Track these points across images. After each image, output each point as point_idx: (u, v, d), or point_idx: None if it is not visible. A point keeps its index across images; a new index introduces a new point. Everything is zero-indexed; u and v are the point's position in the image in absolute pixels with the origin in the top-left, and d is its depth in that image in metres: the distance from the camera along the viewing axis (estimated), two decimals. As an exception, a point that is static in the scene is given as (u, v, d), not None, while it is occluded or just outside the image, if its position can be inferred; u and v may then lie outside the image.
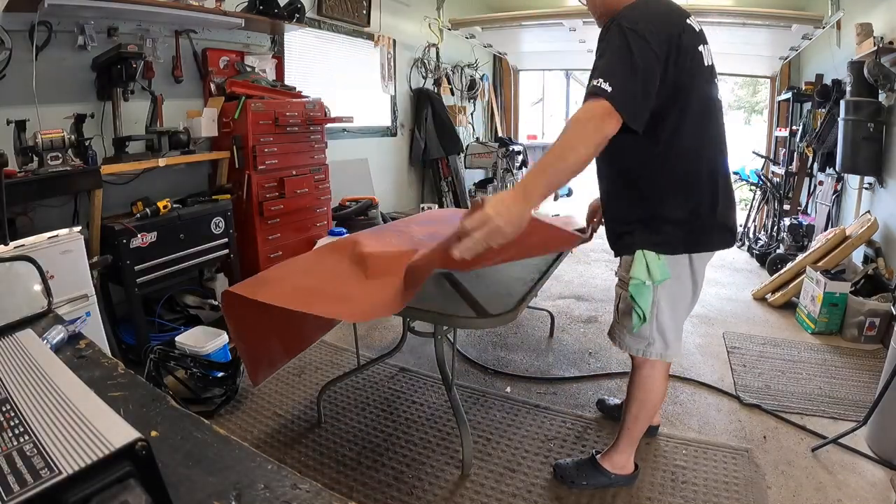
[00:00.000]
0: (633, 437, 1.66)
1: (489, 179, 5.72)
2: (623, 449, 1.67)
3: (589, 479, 1.68)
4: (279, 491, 0.54)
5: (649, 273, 1.40)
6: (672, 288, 1.44)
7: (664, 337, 1.50)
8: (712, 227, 1.42)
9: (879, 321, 2.69)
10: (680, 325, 1.54)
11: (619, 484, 1.68)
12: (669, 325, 1.49)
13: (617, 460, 1.68)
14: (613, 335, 1.61)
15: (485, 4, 6.00)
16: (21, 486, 0.40)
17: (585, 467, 1.70)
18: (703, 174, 1.39)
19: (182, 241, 2.55)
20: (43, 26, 2.27)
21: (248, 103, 2.87)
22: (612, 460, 1.68)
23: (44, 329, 0.85)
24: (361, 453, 1.87)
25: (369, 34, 4.42)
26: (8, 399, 0.55)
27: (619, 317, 1.56)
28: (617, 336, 1.59)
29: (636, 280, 1.41)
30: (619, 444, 1.68)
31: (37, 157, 2.08)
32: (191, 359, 2.17)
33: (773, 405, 2.15)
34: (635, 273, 1.41)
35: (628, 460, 1.68)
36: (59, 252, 1.75)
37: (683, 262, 1.44)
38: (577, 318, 3.13)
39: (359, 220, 3.75)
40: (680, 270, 1.44)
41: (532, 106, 9.99)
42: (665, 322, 1.48)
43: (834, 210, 3.91)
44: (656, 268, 1.39)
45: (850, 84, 3.34)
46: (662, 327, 1.49)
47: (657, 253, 1.40)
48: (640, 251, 1.41)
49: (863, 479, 1.73)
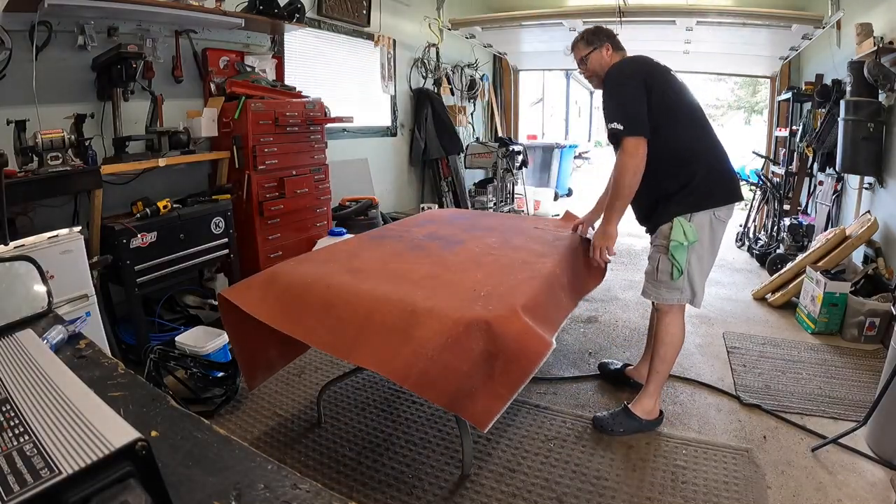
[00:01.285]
0: (661, 380, 2.00)
1: (489, 179, 5.72)
2: (652, 392, 1.99)
3: (625, 426, 1.96)
4: (279, 491, 0.54)
5: (685, 235, 1.82)
6: (697, 248, 1.87)
7: (693, 286, 1.92)
8: (717, 184, 1.88)
9: (879, 321, 2.69)
10: (704, 278, 1.95)
11: (648, 428, 1.97)
12: (697, 278, 1.92)
13: (646, 404, 1.98)
14: (648, 292, 1.99)
15: (485, 4, 6.00)
16: (21, 486, 0.40)
17: (620, 416, 1.99)
18: (700, 152, 1.88)
19: (182, 241, 2.55)
20: (43, 26, 2.27)
21: (248, 103, 2.88)
22: (643, 405, 1.98)
23: (44, 329, 0.85)
24: (361, 453, 1.87)
25: (369, 34, 4.42)
26: (8, 399, 0.55)
27: (659, 275, 1.93)
28: (652, 291, 1.97)
29: (675, 242, 1.83)
30: (649, 388, 1.99)
31: (37, 157, 2.08)
32: (191, 359, 2.17)
33: (773, 405, 2.15)
34: (675, 236, 1.83)
35: (656, 405, 2.00)
36: (59, 252, 1.75)
37: (705, 221, 1.86)
38: (577, 318, 3.13)
39: (359, 220, 3.75)
40: (702, 234, 1.86)
41: (532, 106, 9.99)
42: (694, 275, 1.91)
43: (834, 210, 3.91)
44: (690, 231, 1.82)
45: (850, 84, 3.34)
46: (692, 279, 1.91)
47: (688, 214, 1.84)
48: (677, 220, 1.83)
49: (863, 479, 1.73)
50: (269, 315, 1.58)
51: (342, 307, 1.51)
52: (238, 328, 1.77)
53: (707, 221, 1.86)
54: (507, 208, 5.80)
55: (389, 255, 1.92)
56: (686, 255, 1.86)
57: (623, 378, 2.34)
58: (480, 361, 1.33)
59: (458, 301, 1.45)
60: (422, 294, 1.50)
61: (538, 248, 2.03)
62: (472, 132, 6.30)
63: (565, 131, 13.43)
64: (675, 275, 1.87)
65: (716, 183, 1.88)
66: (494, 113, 6.80)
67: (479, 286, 1.56)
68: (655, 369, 1.98)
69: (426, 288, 1.55)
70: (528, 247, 2.04)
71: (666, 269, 1.90)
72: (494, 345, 1.34)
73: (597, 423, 2.01)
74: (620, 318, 3.16)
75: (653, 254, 1.97)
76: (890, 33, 3.13)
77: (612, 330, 3.00)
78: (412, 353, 1.31)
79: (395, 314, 1.42)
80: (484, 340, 1.34)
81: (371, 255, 1.92)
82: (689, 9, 4.21)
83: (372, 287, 1.57)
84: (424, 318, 1.37)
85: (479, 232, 2.26)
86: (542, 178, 7.34)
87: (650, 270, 1.97)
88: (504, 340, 1.34)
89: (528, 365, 1.36)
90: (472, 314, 1.37)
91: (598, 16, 4.26)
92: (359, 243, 2.12)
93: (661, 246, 1.92)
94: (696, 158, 1.86)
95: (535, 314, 1.47)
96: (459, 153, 5.53)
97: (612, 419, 1.99)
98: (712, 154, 1.90)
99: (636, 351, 2.70)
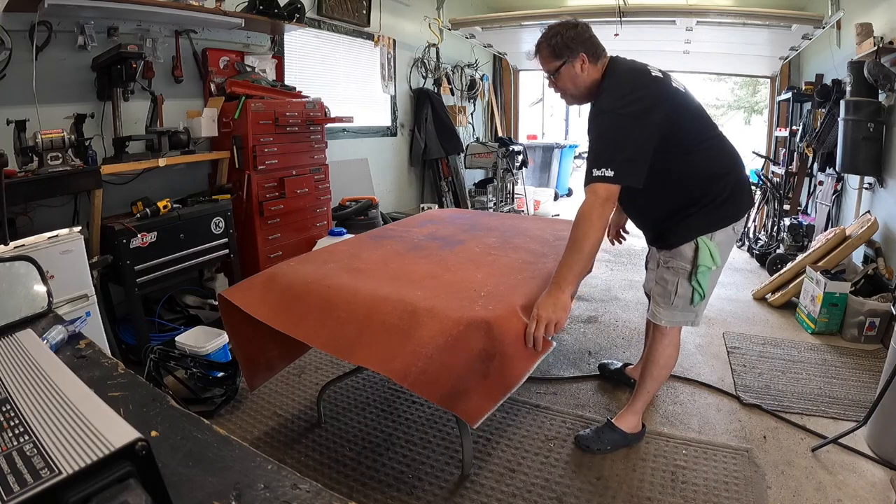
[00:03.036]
0: (649, 399, 1.91)
1: (489, 179, 5.72)
2: (638, 409, 1.89)
3: (611, 443, 1.85)
4: (279, 491, 0.54)
5: (713, 259, 1.66)
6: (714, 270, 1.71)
7: (703, 310, 1.80)
8: (739, 196, 1.71)
9: (879, 321, 2.69)
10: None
11: (633, 442, 1.88)
12: (707, 299, 1.77)
13: (631, 421, 1.88)
14: (659, 316, 1.79)
15: (485, 4, 6.00)
16: (21, 486, 0.40)
17: (604, 433, 1.87)
18: (730, 167, 1.70)
19: (182, 241, 2.55)
20: (43, 26, 2.27)
21: (248, 103, 2.88)
22: (628, 422, 1.88)
23: (44, 329, 0.85)
24: (361, 453, 1.86)
25: (369, 34, 4.42)
26: (8, 399, 0.55)
27: (675, 300, 1.74)
28: (664, 316, 1.78)
29: (703, 266, 1.66)
30: (636, 405, 1.89)
31: (37, 157, 2.08)
32: (191, 359, 2.17)
33: (773, 405, 2.15)
34: (703, 261, 1.65)
35: (639, 420, 1.91)
36: (59, 252, 1.75)
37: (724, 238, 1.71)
38: (577, 318, 3.13)
39: (359, 220, 3.75)
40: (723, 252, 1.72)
41: (532, 106, 9.99)
42: (707, 297, 1.76)
43: (834, 210, 3.91)
44: (716, 253, 1.66)
45: (850, 84, 3.34)
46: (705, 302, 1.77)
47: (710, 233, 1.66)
48: (702, 241, 1.66)
49: (863, 479, 1.73)
50: (269, 316, 1.58)
51: (343, 307, 1.50)
52: (238, 329, 1.76)
53: (726, 238, 1.73)
54: (507, 208, 5.80)
55: (390, 255, 1.92)
56: (709, 279, 1.71)
57: (623, 377, 2.32)
58: (477, 361, 1.34)
59: (459, 301, 1.45)
60: (422, 294, 1.50)
61: (538, 248, 2.03)
62: (472, 132, 6.30)
63: (565, 131, 13.42)
64: (695, 300, 1.72)
65: (738, 195, 1.71)
66: (494, 113, 6.81)
67: (479, 286, 1.56)
68: (646, 388, 1.87)
69: (426, 288, 1.55)
70: (527, 247, 2.04)
71: (686, 294, 1.72)
72: (493, 345, 1.35)
73: (580, 442, 1.87)
74: (620, 318, 3.16)
75: (668, 276, 1.75)
76: (890, 33, 3.13)
77: (612, 330, 2.99)
78: (412, 352, 1.32)
79: (395, 314, 1.42)
80: (483, 340, 1.34)
81: (371, 256, 1.91)
82: (688, 9, 4.21)
83: (372, 287, 1.57)
84: (425, 318, 1.38)
85: (479, 232, 2.26)
86: (542, 178, 7.34)
87: (663, 294, 1.76)
88: (503, 341, 1.35)
89: (524, 366, 1.38)
90: (473, 314, 1.37)
91: (598, 16, 4.26)
92: (359, 243, 2.12)
93: (680, 269, 1.72)
94: (728, 173, 1.68)
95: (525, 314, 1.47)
96: (459, 153, 5.53)
97: (596, 437, 1.86)
98: (739, 164, 1.74)
99: (636, 350, 2.70)
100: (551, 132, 11.48)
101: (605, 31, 4.55)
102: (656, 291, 1.80)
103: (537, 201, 6.26)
